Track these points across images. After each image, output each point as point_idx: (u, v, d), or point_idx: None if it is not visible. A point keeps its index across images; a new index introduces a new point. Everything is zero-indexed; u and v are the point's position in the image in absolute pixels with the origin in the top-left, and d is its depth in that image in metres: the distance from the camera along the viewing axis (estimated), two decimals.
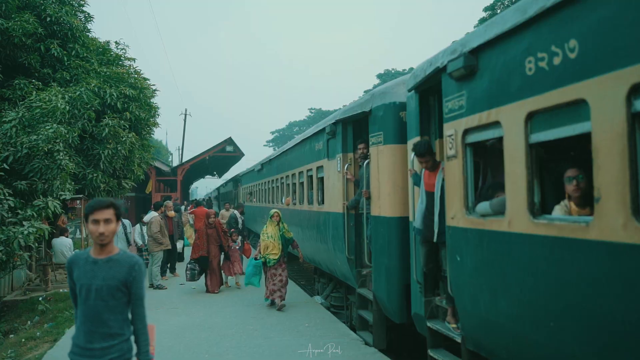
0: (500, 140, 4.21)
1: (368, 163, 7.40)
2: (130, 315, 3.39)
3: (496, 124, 4.11)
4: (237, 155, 31.43)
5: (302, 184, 11.77)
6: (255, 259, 10.28)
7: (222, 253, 11.89)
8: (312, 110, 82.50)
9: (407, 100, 6.28)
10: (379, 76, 62.48)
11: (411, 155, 5.90)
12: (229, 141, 30.48)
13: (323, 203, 9.84)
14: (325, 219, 9.40)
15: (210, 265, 11.57)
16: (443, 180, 5.26)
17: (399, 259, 6.71)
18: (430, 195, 5.44)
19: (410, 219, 6.20)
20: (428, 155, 5.37)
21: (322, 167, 9.74)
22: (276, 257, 9.75)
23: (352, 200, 8.13)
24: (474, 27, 35.65)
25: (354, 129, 8.30)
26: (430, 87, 5.82)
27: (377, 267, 7.10)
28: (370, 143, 7.28)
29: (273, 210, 10.06)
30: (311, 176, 10.77)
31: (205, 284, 11.72)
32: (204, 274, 11.76)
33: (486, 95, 4.24)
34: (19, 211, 9.34)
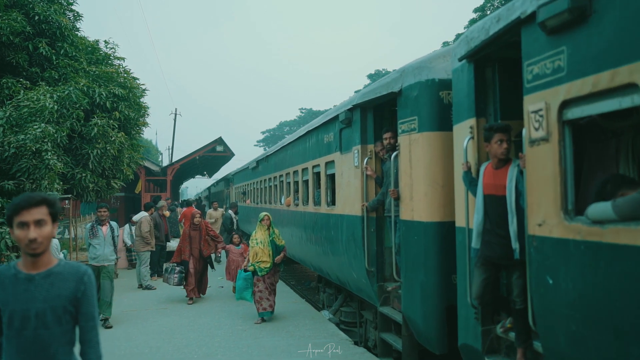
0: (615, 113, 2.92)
1: (396, 156, 6.06)
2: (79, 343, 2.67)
3: (628, 87, 2.79)
4: (227, 155, 30.86)
5: (306, 182, 10.41)
6: (245, 270, 9.03)
7: (204, 261, 10.77)
8: (303, 110, 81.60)
9: (453, 75, 4.95)
10: (370, 76, 61.21)
11: (465, 142, 4.57)
12: (219, 141, 29.82)
13: (334, 204, 8.49)
14: (337, 223, 8.05)
15: (190, 270, 10.53)
16: (518, 178, 3.95)
17: (439, 275, 5.38)
18: (495, 201, 4.10)
19: (458, 224, 4.88)
20: (508, 134, 4.06)
21: (332, 162, 8.39)
22: (267, 265, 8.64)
23: (373, 201, 6.79)
24: (464, 28, 34.71)
25: (374, 116, 6.96)
26: (486, 56, 4.52)
27: (410, 284, 5.76)
28: (400, 131, 5.95)
29: (263, 214, 8.87)
30: (318, 173, 9.42)
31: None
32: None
33: (608, 47, 2.91)
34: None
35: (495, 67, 4.55)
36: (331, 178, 8.76)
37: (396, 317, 6.23)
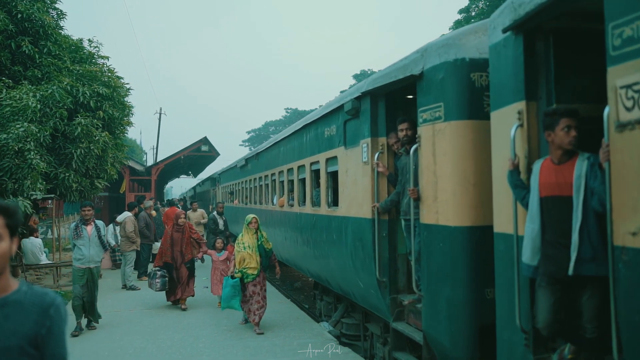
0: None
1: (416, 149, 5.24)
2: None
3: None
4: (212, 155, 30.86)
5: (302, 180, 9.56)
6: (232, 277, 8.26)
7: (186, 265, 10.00)
8: (289, 110, 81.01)
9: (492, 51, 4.14)
10: (355, 76, 60.47)
11: (512, 131, 3.75)
12: (204, 141, 29.86)
13: (336, 205, 7.65)
14: (341, 226, 7.21)
15: (174, 274, 9.85)
16: (588, 174, 3.16)
17: (470, 288, 4.58)
18: (558, 204, 3.31)
19: (499, 229, 4.07)
20: (576, 119, 3.28)
21: (334, 158, 7.55)
22: (255, 271, 7.97)
23: (386, 202, 5.96)
24: (449, 29, 34.25)
25: (386, 105, 6.13)
26: (536, 26, 3.72)
27: (433, 298, 4.94)
28: (421, 120, 5.13)
29: (250, 216, 8.15)
30: (317, 171, 8.57)
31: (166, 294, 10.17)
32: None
33: None
34: None
35: (549, 39, 3.74)
36: (332, 176, 7.92)
37: (415, 335, 5.40)
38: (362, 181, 6.40)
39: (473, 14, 32.43)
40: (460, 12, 34.54)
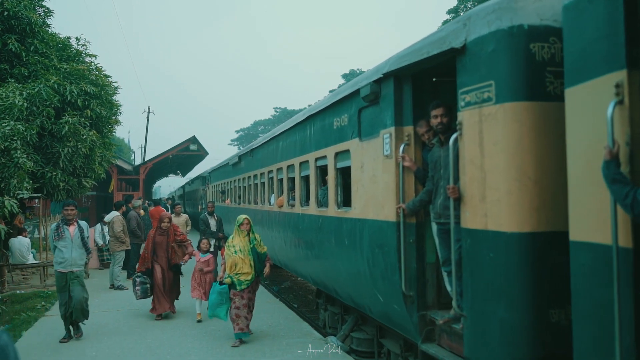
0: None
1: (456, 139, 4.34)
2: None
3: None
4: (201, 154, 30.73)
5: (305, 178, 8.63)
6: (220, 283, 7.39)
7: (172, 271, 9.23)
8: (278, 110, 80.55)
9: (567, 12, 3.26)
10: (344, 76, 59.61)
11: (609, 110, 2.86)
12: (193, 140, 29.74)
13: (348, 205, 6.74)
14: (354, 230, 6.30)
15: (155, 280, 9.02)
16: None
17: (532, 310, 3.70)
18: None
19: (577, 237, 3.19)
20: None
21: (347, 152, 6.62)
22: (249, 277, 7.18)
23: (414, 202, 5.05)
24: (438, 28, 33.65)
25: (413, 88, 5.22)
26: None
27: (481, 319, 4.05)
28: (462, 104, 4.23)
29: (242, 217, 7.34)
30: (324, 167, 7.65)
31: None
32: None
33: None
34: None
35: None
36: (343, 172, 7.01)
37: None
38: (383, 178, 5.49)
39: (461, 14, 31.99)
40: (449, 12, 34.04)
